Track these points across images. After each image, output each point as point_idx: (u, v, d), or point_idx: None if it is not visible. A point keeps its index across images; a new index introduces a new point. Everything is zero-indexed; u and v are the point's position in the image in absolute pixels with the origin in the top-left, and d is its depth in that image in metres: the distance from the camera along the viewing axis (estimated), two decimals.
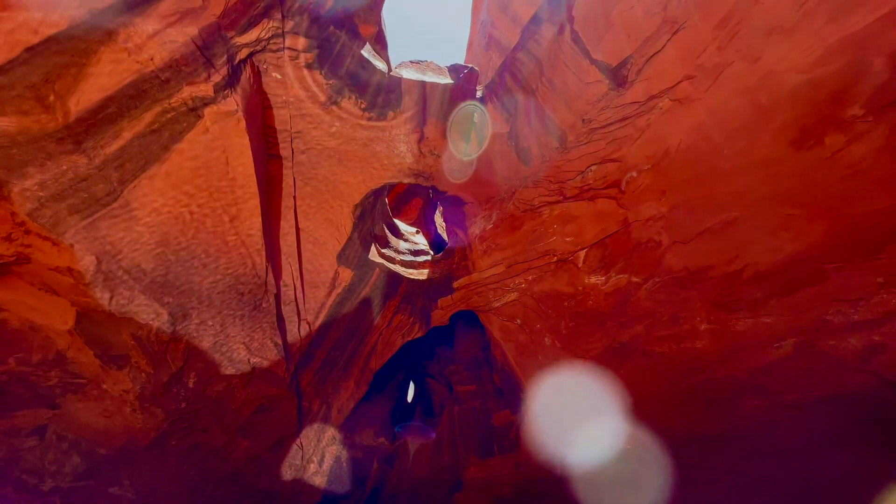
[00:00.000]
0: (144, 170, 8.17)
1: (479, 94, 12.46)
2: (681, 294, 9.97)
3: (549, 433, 13.73)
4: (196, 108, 8.19)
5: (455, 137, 12.34)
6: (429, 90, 11.61)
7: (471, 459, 15.65)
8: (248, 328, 11.39)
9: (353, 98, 10.79)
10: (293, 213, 11.98)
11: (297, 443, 14.02)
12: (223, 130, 8.65)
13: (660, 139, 8.78)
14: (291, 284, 12.43)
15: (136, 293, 9.05)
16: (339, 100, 10.66)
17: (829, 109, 6.56)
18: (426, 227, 22.51)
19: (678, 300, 10.08)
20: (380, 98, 11.16)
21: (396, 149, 12.19)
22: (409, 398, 22.08)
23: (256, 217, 10.12)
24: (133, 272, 8.84)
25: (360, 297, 14.25)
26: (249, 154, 9.19)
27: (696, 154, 8.35)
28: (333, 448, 15.38)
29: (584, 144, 9.80)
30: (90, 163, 7.47)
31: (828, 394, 9.02)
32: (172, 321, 9.75)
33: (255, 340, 11.64)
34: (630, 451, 12.29)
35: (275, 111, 10.34)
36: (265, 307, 11.56)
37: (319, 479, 14.67)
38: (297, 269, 12.53)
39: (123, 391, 10.02)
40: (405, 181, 13.25)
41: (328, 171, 11.93)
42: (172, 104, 7.93)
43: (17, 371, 9.09)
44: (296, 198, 11.87)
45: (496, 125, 11.95)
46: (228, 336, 11.00)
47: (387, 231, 16.07)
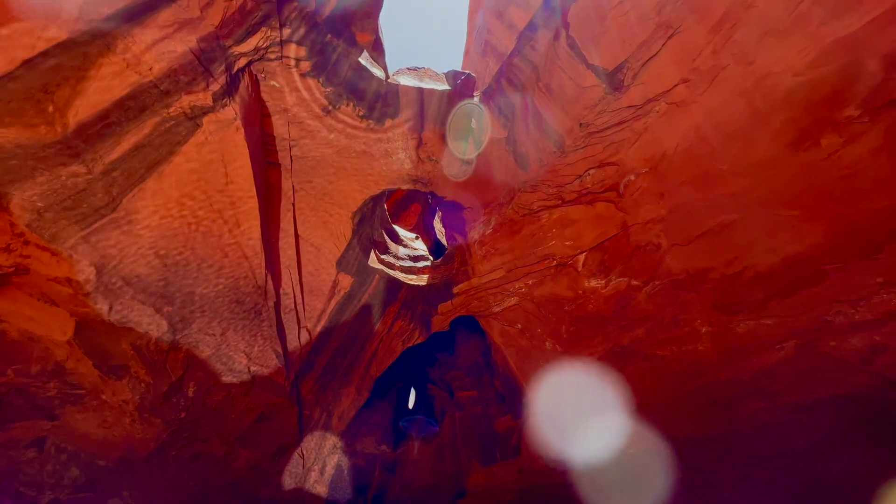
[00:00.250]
0: (144, 179, 8.17)
1: (477, 100, 12.52)
2: (681, 296, 9.96)
3: (552, 437, 13.66)
4: (195, 117, 8.22)
5: (453, 143, 12.39)
6: (426, 96, 11.68)
7: (473, 466, 15.55)
8: (248, 336, 11.34)
9: (351, 105, 10.84)
10: (292, 221, 11.98)
11: (298, 451, 13.91)
12: (222, 139, 8.68)
13: (657, 142, 8.81)
14: (291, 292, 12.40)
15: (136, 302, 9.01)
16: (338, 107, 10.71)
17: (825, 111, 6.59)
18: (425, 233, 22.52)
19: (678, 303, 10.07)
20: (378, 105, 11.22)
21: (395, 155, 12.23)
22: (411, 404, 21.98)
23: (255, 224, 10.12)
24: (132, 281, 8.81)
25: (360, 304, 14.21)
26: (248, 162, 9.22)
27: (694, 157, 8.38)
28: (335, 456, 15.28)
29: (582, 148, 9.83)
30: (89, 173, 7.47)
31: (830, 395, 8.99)
32: (172, 330, 9.70)
33: (255, 348, 11.59)
34: (633, 455, 12.23)
35: (273, 119, 10.39)
36: (265, 315, 11.52)
37: (321, 488, 14.55)
38: (297, 277, 12.50)
39: (123, 401, 9.95)
40: (404, 187, 13.28)
41: (327, 178, 11.95)
42: (171, 113, 7.96)
43: (16, 382, 9.03)
44: (295, 205, 11.88)
45: (494, 130, 12.01)
46: (228, 344, 10.95)
47: (386, 237, 16.06)
